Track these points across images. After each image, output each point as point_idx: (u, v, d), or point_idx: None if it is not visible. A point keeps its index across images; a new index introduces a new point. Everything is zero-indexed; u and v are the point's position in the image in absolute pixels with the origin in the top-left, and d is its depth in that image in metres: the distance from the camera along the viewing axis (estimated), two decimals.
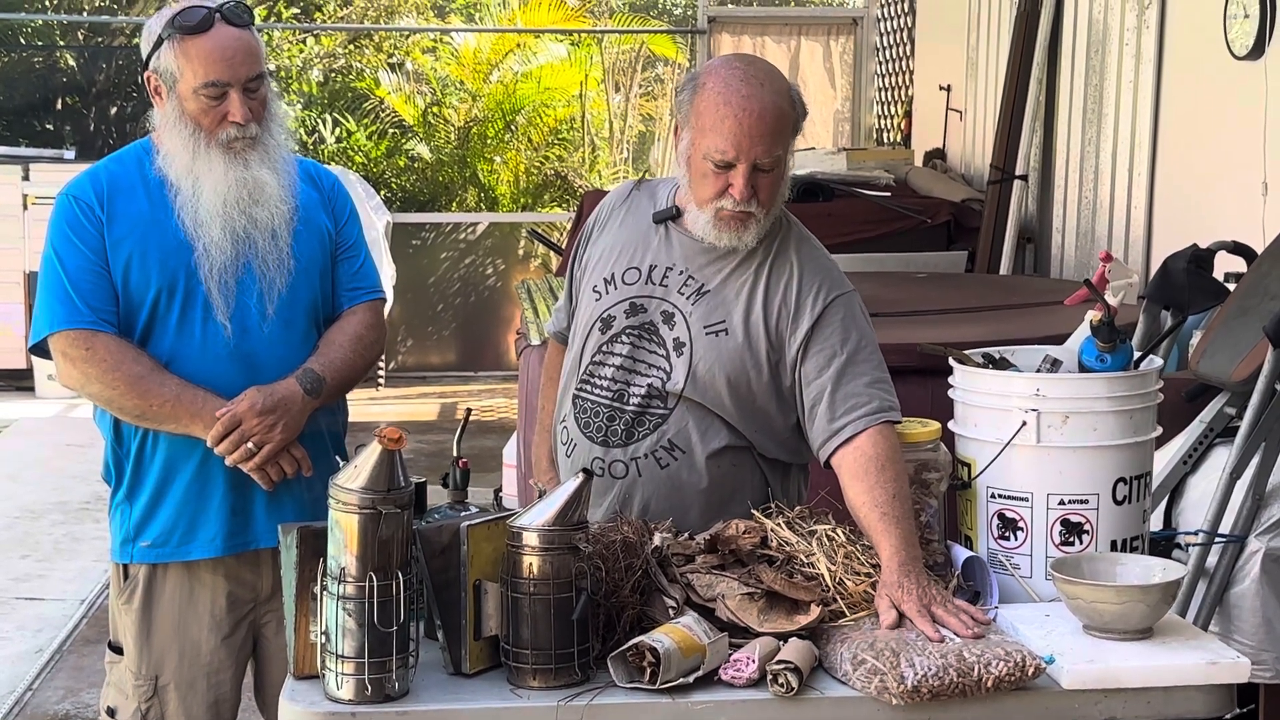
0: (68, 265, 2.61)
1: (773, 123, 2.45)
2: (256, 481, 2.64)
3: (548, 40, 12.86)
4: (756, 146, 2.44)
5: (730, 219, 2.50)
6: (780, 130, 2.46)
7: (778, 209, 2.56)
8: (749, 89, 2.45)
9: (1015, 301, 5.10)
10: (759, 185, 2.47)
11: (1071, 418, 2.44)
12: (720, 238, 2.53)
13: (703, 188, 2.50)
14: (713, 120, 2.45)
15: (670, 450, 2.55)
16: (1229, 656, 2.16)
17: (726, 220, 2.51)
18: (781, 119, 2.46)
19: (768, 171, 2.47)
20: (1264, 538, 3.19)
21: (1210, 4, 5.13)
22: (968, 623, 2.19)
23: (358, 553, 2.06)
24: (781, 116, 2.46)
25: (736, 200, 2.47)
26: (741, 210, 2.48)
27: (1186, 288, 3.71)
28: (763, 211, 2.50)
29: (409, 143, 12.87)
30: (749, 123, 2.43)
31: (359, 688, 2.06)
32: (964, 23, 7.91)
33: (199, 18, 2.59)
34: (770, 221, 2.55)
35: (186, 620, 2.70)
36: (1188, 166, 5.51)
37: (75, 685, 4.62)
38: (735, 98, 2.44)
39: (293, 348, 2.69)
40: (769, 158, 2.46)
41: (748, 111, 2.43)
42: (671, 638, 2.09)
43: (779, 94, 2.48)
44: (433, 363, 10.60)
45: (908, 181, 7.36)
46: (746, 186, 2.46)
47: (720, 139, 2.44)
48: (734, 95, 2.44)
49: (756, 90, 2.45)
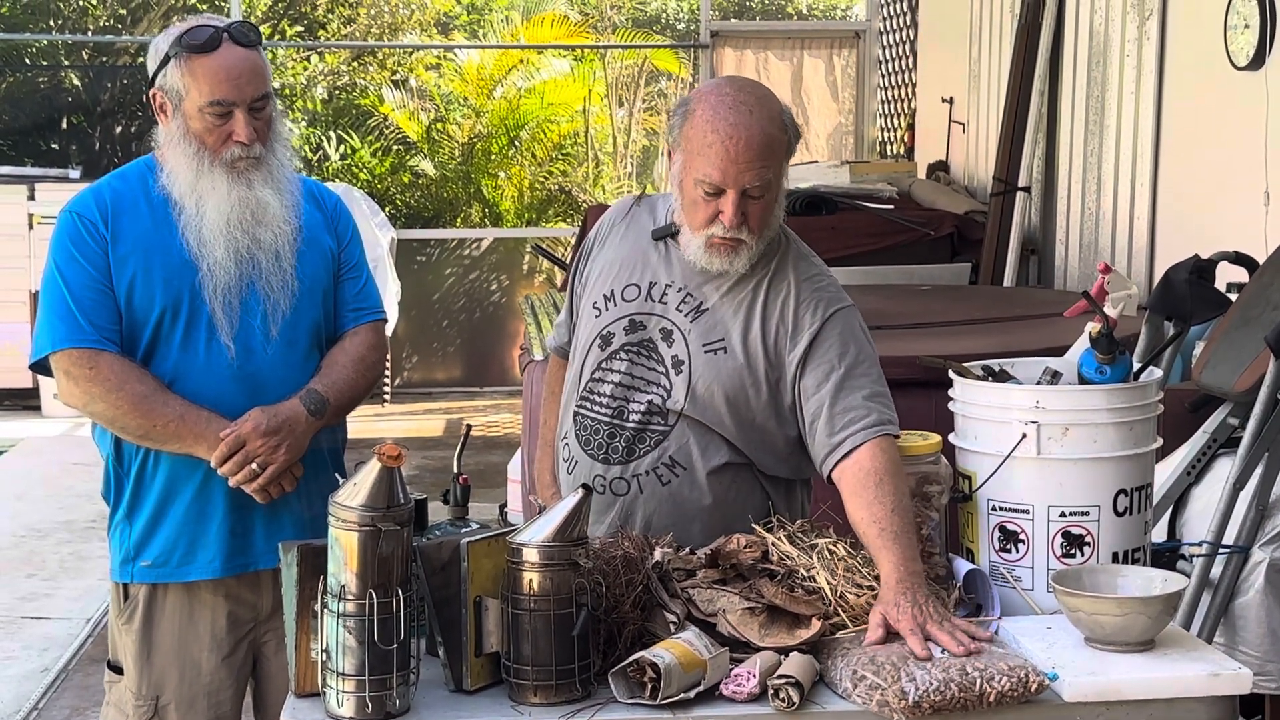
0: (70, 282, 2.60)
1: (761, 150, 2.44)
2: (255, 498, 2.64)
3: (551, 56, 12.89)
4: (745, 174, 2.44)
5: (721, 245, 2.51)
6: (769, 157, 2.46)
7: (770, 233, 2.56)
8: (737, 116, 2.44)
9: (1018, 314, 5.10)
10: (749, 212, 2.48)
11: (1071, 429, 2.44)
12: (711, 263, 2.54)
13: (694, 214, 2.51)
14: (700, 146, 2.45)
15: (671, 467, 2.55)
16: (1231, 668, 2.16)
17: (717, 247, 2.51)
18: (770, 145, 2.46)
19: (757, 198, 2.47)
20: (1268, 548, 3.19)
21: (1211, 15, 5.13)
22: (963, 641, 2.17)
23: (358, 570, 2.07)
24: (770, 142, 2.46)
25: (726, 227, 2.47)
26: (732, 237, 2.49)
27: (1188, 298, 3.70)
28: (754, 238, 2.51)
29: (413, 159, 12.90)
30: (736, 150, 2.43)
31: (360, 705, 2.06)
32: (966, 35, 7.92)
33: (206, 36, 2.59)
34: (763, 246, 2.55)
35: (186, 640, 2.70)
36: (1190, 177, 5.51)
37: (81, 704, 4.61)
38: (723, 125, 2.44)
39: (296, 368, 2.69)
40: (758, 183, 2.46)
41: (734, 139, 2.43)
42: (672, 653, 2.09)
43: (768, 119, 2.47)
44: (438, 379, 10.61)
45: (911, 194, 7.36)
46: (736, 214, 2.46)
47: (708, 165, 2.44)
48: (722, 123, 2.44)
49: (745, 118, 2.44)
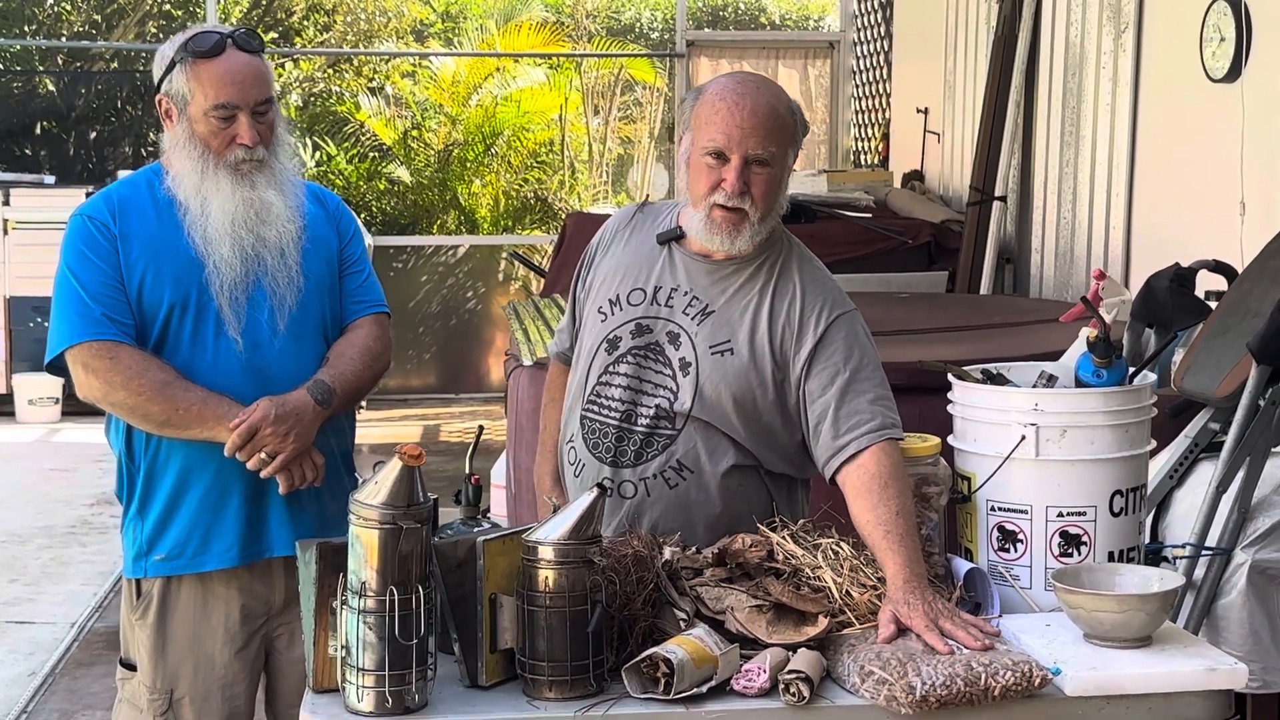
0: (85, 281, 2.65)
1: (766, 118, 2.51)
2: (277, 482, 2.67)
3: (527, 64, 12.92)
4: (749, 139, 2.50)
5: (723, 219, 2.54)
6: (774, 128, 2.52)
7: (773, 219, 2.60)
8: (744, 88, 2.54)
9: (997, 321, 5.17)
10: (752, 181, 2.52)
11: (1069, 431, 2.50)
12: (712, 239, 2.57)
13: (698, 182, 2.56)
14: (708, 115, 2.53)
15: (679, 471, 2.59)
16: (1227, 663, 2.22)
17: (719, 221, 2.55)
18: (775, 118, 2.53)
19: (762, 168, 2.52)
20: (1250, 550, 3.24)
21: (1186, 27, 5.21)
22: (976, 635, 2.22)
23: (378, 567, 2.10)
24: (775, 116, 2.53)
25: (728, 194, 2.51)
26: (735, 206, 2.53)
27: (1169, 306, 3.77)
28: (756, 213, 2.54)
29: (389, 166, 12.90)
30: (741, 116, 2.50)
31: (379, 700, 2.09)
32: (941, 46, 7.99)
33: (211, 42, 2.66)
34: (765, 231, 2.58)
35: (201, 633, 2.73)
36: (1165, 187, 5.59)
37: (69, 708, 4.61)
38: (730, 95, 2.53)
39: (303, 363, 2.74)
40: (761, 151, 2.51)
41: (741, 106, 2.51)
42: (684, 649, 2.13)
43: (775, 98, 2.56)
44: (414, 385, 10.60)
45: (888, 203, 7.42)
46: (739, 179, 2.51)
47: (714, 130, 2.51)
48: (729, 93, 2.53)
49: (752, 90, 2.54)
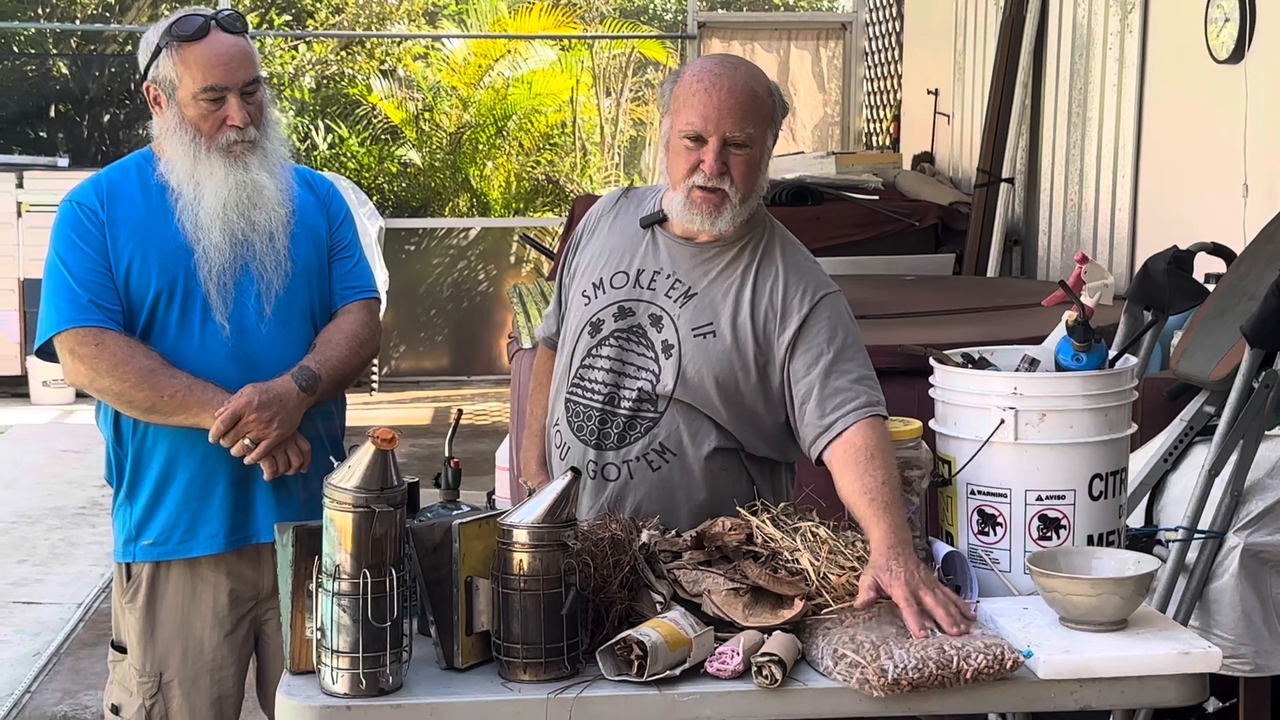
0: (72, 267, 2.67)
1: (744, 100, 2.51)
2: (261, 468, 2.68)
3: (538, 46, 12.92)
4: (725, 120, 2.50)
5: (703, 200, 2.54)
6: (752, 110, 2.52)
7: (754, 200, 2.60)
8: (721, 69, 2.54)
9: (1001, 303, 5.15)
10: (731, 163, 2.52)
11: (1048, 415, 2.50)
12: (693, 220, 2.57)
13: (677, 166, 2.56)
14: (686, 97, 2.53)
15: (662, 453, 2.60)
16: (1201, 646, 2.21)
17: (699, 202, 2.55)
18: (753, 99, 2.53)
19: (740, 149, 2.52)
20: (1242, 533, 3.24)
21: (1191, 9, 5.19)
22: (954, 615, 2.23)
23: (352, 550, 2.11)
24: (753, 97, 2.53)
25: (707, 175, 2.51)
26: (714, 187, 2.53)
27: (1167, 288, 3.75)
28: (736, 194, 2.54)
29: (401, 149, 12.92)
30: (719, 97, 2.50)
31: (354, 682, 2.11)
32: (951, 28, 7.97)
33: (195, 26, 2.66)
34: (747, 212, 2.59)
35: (189, 617, 2.75)
36: (1170, 169, 5.57)
37: (73, 687, 4.66)
38: (707, 77, 2.53)
39: (290, 348, 2.74)
40: (739, 133, 2.51)
41: (718, 87, 2.51)
42: (658, 631, 2.14)
43: (752, 78, 2.55)
44: (426, 368, 10.64)
45: (896, 185, 7.41)
46: (717, 161, 2.51)
47: (691, 113, 2.51)
48: (706, 75, 2.53)
49: (729, 72, 2.54)
